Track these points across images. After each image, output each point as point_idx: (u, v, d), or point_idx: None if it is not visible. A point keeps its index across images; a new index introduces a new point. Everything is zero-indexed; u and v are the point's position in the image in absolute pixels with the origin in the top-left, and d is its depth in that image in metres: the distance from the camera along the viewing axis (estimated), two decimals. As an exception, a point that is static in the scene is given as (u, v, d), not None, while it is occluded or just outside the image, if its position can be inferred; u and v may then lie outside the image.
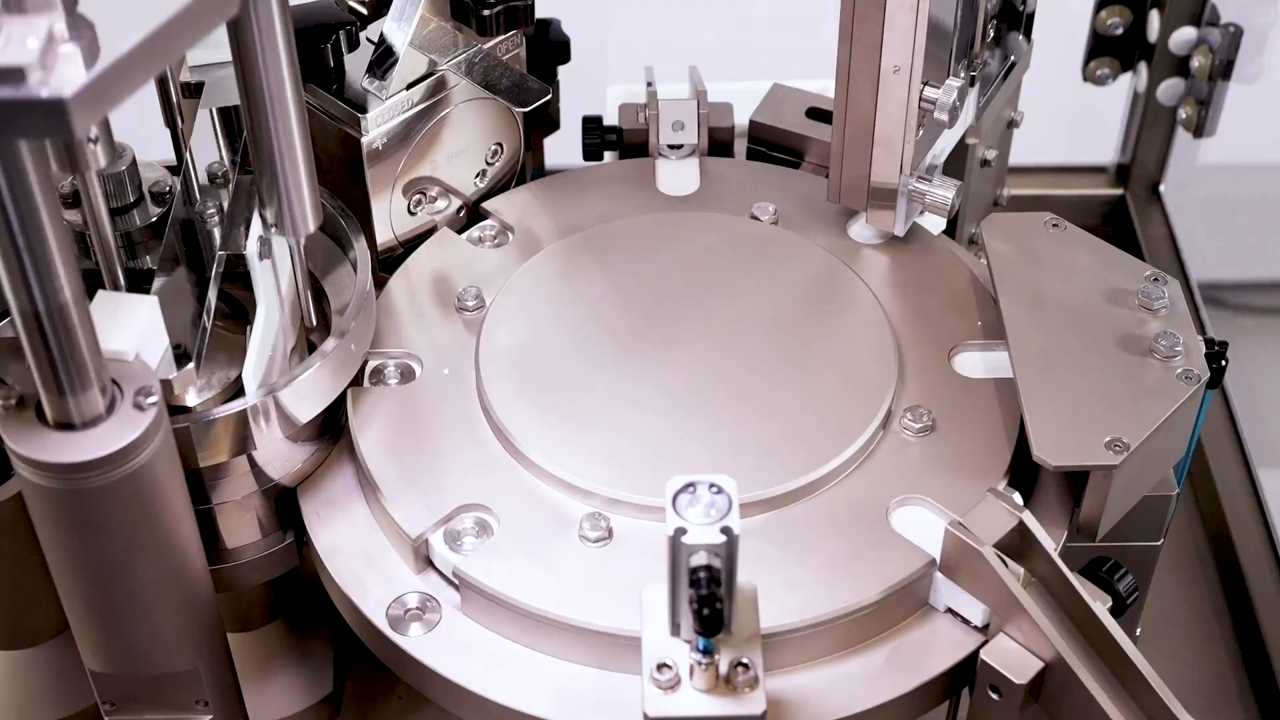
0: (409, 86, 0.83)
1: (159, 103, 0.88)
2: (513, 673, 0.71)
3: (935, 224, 0.89)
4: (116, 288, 0.77)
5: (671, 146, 0.93)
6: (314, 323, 0.79)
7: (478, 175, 0.90)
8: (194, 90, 0.83)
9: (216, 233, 0.80)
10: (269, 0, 0.65)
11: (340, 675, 0.87)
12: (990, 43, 0.87)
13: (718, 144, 0.95)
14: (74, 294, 0.60)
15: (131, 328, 0.68)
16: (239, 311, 0.81)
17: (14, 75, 0.51)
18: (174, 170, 0.85)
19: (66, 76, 0.52)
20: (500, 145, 0.90)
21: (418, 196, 0.87)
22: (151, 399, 0.64)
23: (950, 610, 0.72)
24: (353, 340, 0.77)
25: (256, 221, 0.75)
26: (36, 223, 0.58)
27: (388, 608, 0.74)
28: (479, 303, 0.83)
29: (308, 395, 0.75)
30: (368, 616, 0.73)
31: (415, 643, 0.72)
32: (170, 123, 0.86)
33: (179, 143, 0.86)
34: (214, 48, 0.81)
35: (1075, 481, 0.76)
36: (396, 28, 0.82)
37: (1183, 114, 1.18)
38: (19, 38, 0.51)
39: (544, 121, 0.98)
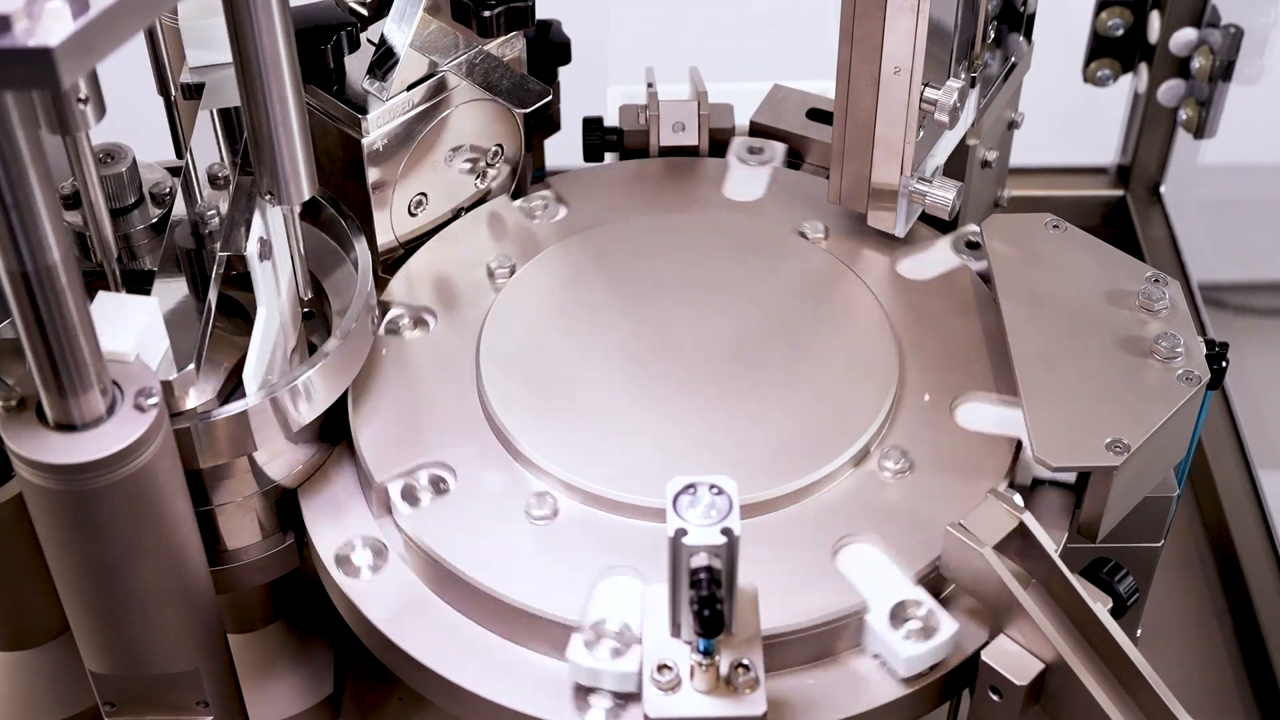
0: (410, 88, 0.83)
1: (161, 104, 0.88)
2: (489, 663, 0.71)
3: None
4: (117, 289, 0.77)
5: (751, 151, 0.92)
6: (309, 294, 0.79)
7: (478, 176, 0.90)
8: (194, 91, 0.83)
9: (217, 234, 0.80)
10: None
11: (340, 676, 0.87)
12: (991, 44, 0.87)
13: (718, 145, 0.95)
14: (63, 255, 0.59)
15: (132, 329, 0.68)
16: (239, 312, 0.81)
17: None
18: (174, 171, 0.85)
19: (52, 26, 0.51)
20: (501, 146, 0.90)
21: (419, 198, 0.87)
22: (152, 400, 0.64)
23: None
24: (353, 342, 0.77)
25: (257, 222, 0.75)
26: (23, 179, 0.57)
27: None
28: (508, 271, 0.85)
29: (308, 396, 0.75)
30: (366, 616, 0.73)
31: (416, 645, 0.72)
32: (171, 124, 0.86)
33: (179, 144, 0.86)
34: (214, 49, 0.81)
35: (1076, 482, 0.76)
36: (397, 29, 0.82)
37: (1183, 115, 1.18)
38: None
39: (545, 122, 0.98)
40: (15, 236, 0.58)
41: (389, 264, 0.87)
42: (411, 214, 0.87)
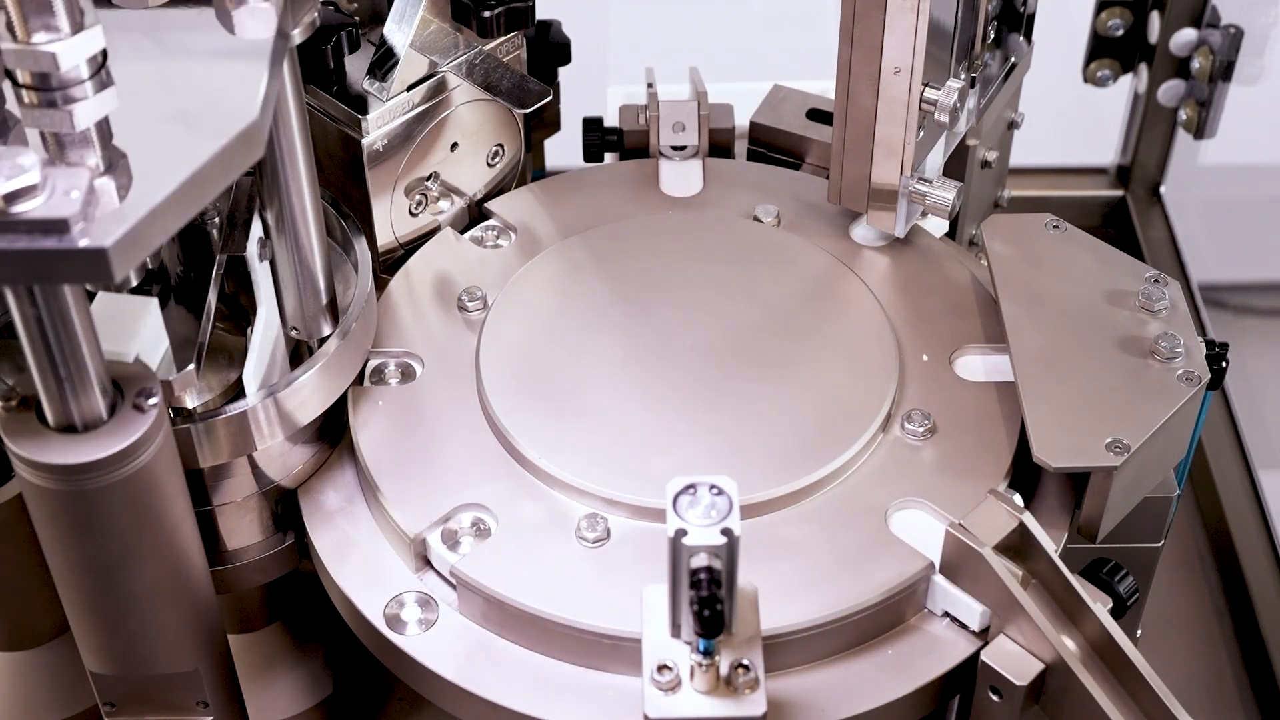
0: (410, 88, 0.83)
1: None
2: (508, 672, 0.71)
3: (938, 226, 0.89)
4: (117, 289, 0.77)
5: (675, 147, 0.93)
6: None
7: (478, 177, 0.90)
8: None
9: (216, 234, 0.80)
10: (294, 140, 0.69)
11: (340, 677, 0.87)
12: (991, 44, 0.87)
13: (718, 145, 0.95)
14: (106, 410, 0.64)
15: (132, 329, 0.68)
16: (239, 313, 0.80)
17: (58, 226, 0.54)
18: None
19: (107, 227, 0.55)
20: (501, 146, 0.90)
21: (420, 197, 0.87)
22: (152, 400, 0.64)
23: (948, 615, 0.72)
24: (353, 342, 0.77)
25: (256, 223, 0.75)
26: (76, 353, 0.61)
27: (385, 607, 0.74)
28: (480, 303, 0.83)
29: (308, 397, 0.75)
30: (365, 616, 0.73)
31: (412, 642, 0.72)
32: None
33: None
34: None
35: (1076, 483, 0.76)
36: (397, 29, 0.82)
37: (1183, 115, 1.18)
38: (62, 190, 0.54)
39: (545, 123, 0.98)
40: (66, 400, 0.63)
41: (389, 264, 0.87)
42: (412, 214, 0.87)
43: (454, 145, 0.87)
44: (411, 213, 0.87)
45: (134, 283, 0.74)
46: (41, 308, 0.60)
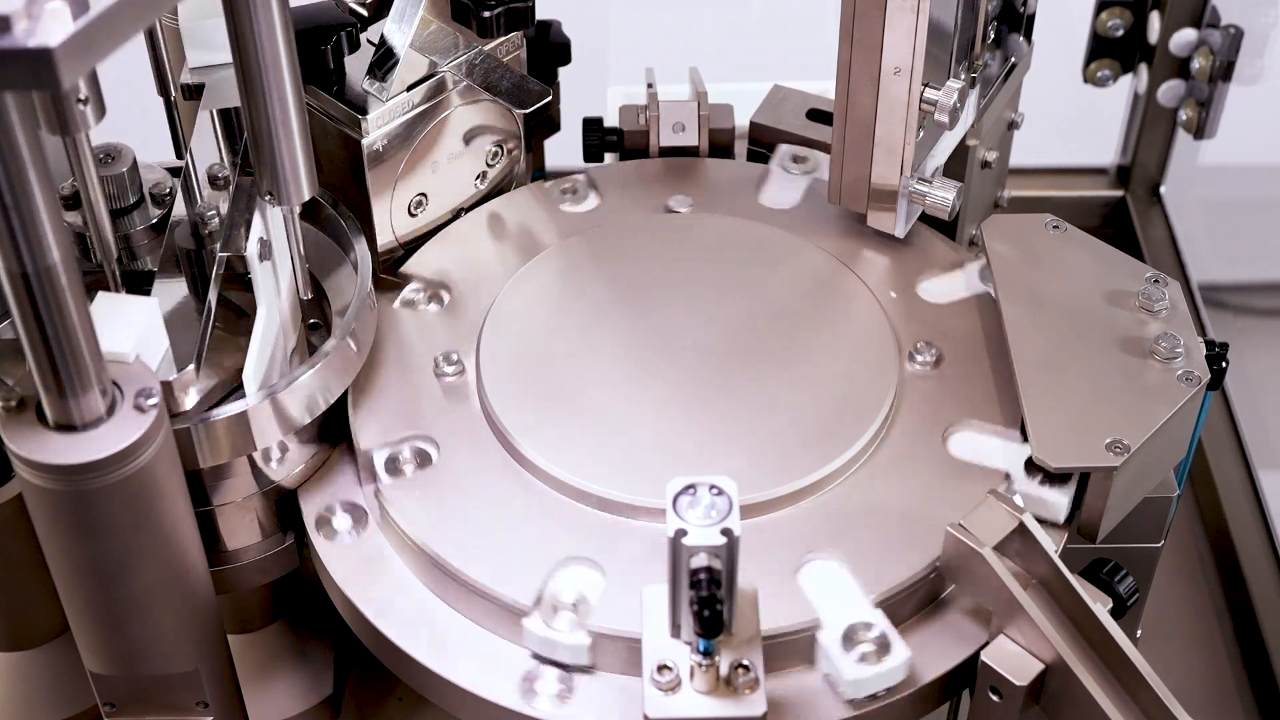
0: (409, 88, 0.83)
1: (161, 104, 0.88)
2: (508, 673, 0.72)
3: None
4: (117, 289, 0.77)
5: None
6: (309, 294, 0.79)
7: (478, 177, 0.90)
8: (194, 92, 0.83)
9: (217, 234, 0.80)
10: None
11: (340, 677, 0.88)
12: (991, 44, 0.87)
13: (718, 145, 0.95)
14: (63, 256, 0.59)
15: (132, 329, 0.68)
16: (240, 313, 0.81)
17: None
18: (174, 172, 0.85)
19: (52, 27, 0.51)
20: (500, 147, 0.90)
21: (419, 197, 0.87)
22: (152, 400, 0.65)
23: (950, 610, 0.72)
24: (353, 341, 0.77)
25: (257, 223, 0.75)
26: (23, 179, 0.57)
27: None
28: (458, 366, 0.81)
29: (308, 397, 0.75)
30: (366, 616, 0.73)
31: (413, 645, 0.72)
32: (171, 124, 0.86)
33: (179, 144, 0.86)
34: (214, 50, 0.82)
35: (1076, 483, 0.76)
36: (397, 29, 0.82)
37: (1183, 115, 1.18)
38: None
39: (545, 123, 0.98)
40: (15, 237, 0.58)
41: (389, 264, 0.87)
42: (411, 214, 0.87)
43: (453, 147, 0.87)
44: (411, 213, 0.87)
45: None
46: (41, 307, 0.60)
